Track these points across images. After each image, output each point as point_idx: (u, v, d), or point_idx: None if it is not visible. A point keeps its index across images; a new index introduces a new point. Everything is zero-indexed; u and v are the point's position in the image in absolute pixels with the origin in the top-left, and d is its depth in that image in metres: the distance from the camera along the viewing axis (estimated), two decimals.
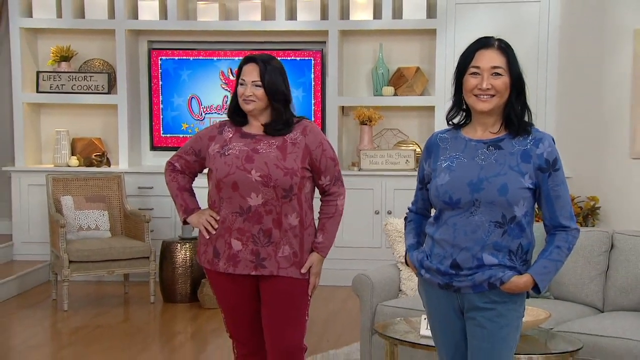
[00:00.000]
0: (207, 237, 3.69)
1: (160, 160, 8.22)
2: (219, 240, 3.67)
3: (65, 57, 8.07)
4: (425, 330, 3.91)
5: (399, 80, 7.82)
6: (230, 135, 3.71)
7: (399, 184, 7.51)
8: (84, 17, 8.02)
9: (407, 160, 7.59)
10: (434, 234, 3.00)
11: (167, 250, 7.13)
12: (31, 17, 8.03)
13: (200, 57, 8.09)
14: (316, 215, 3.76)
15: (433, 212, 3.09)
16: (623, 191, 6.58)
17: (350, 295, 6.88)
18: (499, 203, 2.86)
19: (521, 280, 2.91)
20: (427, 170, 3.08)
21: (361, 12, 7.77)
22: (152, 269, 7.02)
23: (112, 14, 7.99)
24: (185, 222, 3.82)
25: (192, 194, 3.86)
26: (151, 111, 8.17)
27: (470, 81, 2.94)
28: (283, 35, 7.94)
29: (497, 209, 2.87)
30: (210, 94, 8.11)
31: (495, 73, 2.92)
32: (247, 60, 3.70)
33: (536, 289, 2.93)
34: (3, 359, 5.52)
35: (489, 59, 2.94)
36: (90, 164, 7.98)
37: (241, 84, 3.67)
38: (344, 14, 7.81)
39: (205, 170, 3.83)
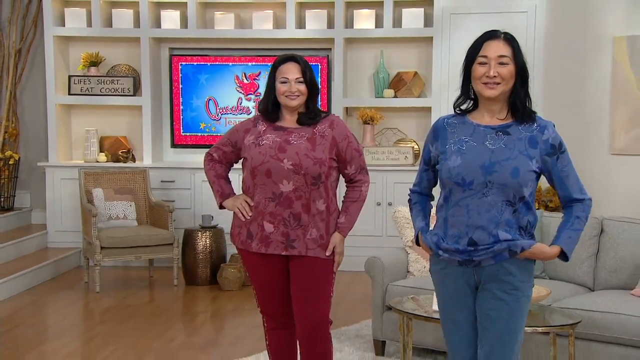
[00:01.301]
0: (242, 219, 3.69)
1: (180, 157, 8.22)
2: (252, 223, 3.67)
3: (94, 62, 8.05)
4: (436, 306, 3.92)
5: (398, 84, 7.82)
6: (264, 128, 3.71)
7: (399, 178, 7.49)
8: (111, 26, 8.00)
9: (405, 157, 7.60)
10: (446, 215, 2.97)
11: (189, 238, 7.12)
12: (64, 26, 8.01)
13: (217, 63, 8.06)
14: (340, 201, 3.76)
15: (439, 193, 3.05)
16: (603, 184, 6.58)
17: (355, 279, 6.92)
18: (511, 185, 2.85)
19: (551, 250, 2.93)
20: (434, 152, 3.04)
21: (364, 22, 7.77)
22: (175, 254, 7.02)
23: (137, 23, 7.97)
24: (221, 207, 3.83)
25: (228, 181, 3.87)
26: (172, 112, 8.14)
27: (478, 69, 2.93)
28: (293, 42, 7.91)
29: (509, 190, 2.86)
30: (226, 96, 8.09)
31: (501, 62, 2.90)
32: (286, 59, 3.68)
33: (563, 256, 2.95)
34: (44, 335, 5.53)
35: (496, 48, 2.93)
36: (117, 160, 7.96)
37: (283, 82, 3.63)
38: (349, 23, 7.80)
39: (240, 160, 3.83)
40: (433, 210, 3.18)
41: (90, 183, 7.31)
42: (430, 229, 3.10)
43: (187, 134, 8.17)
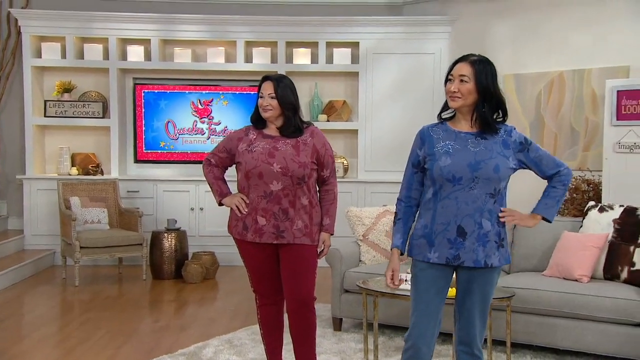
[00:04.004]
0: (239, 215, 3.67)
1: (142, 171, 8.05)
2: (247, 217, 3.65)
3: (67, 89, 7.81)
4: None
5: (330, 110, 7.92)
6: (254, 136, 3.71)
7: None
8: (83, 58, 7.79)
9: (337, 170, 7.69)
10: (435, 207, 2.92)
11: (156, 239, 6.97)
12: (40, 57, 7.75)
13: (176, 91, 7.96)
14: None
15: (429, 191, 2.97)
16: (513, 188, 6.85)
17: None
18: (493, 179, 2.88)
19: (531, 221, 2.98)
20: (422, 155, 2.99)
21: (302, 58, 7.84)
22: (144, 253, 6.86)
23: (106, 56, 7.80)
24: (220, 204, 3.79)
25: (225, 182, 3.83)
26: (135, 132, 7.97)
27: (447, 85, 2.97)
28: (241, 74, 7.91)
29: (491, 184, 2.89)
30: (183, 119, 7.99)
31: (462, 80, 2.90)
32: (265, 78, 3.73)
33: (547, 220, 3.01)
34: (37, 322, 5.29)
35: (459, 69, 2.93)
36: (87, 173, 7.73)
37: (261, 97, 3.68)
38: (289, 59, 7.84)
39: (234, 166, 3.80)
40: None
41: (67, 192, 7.07)
42: (417, 224, 3.01)
43: (149, 151, 8.01)
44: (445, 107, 3.04)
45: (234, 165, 3.80)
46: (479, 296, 2.97)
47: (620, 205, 4.67)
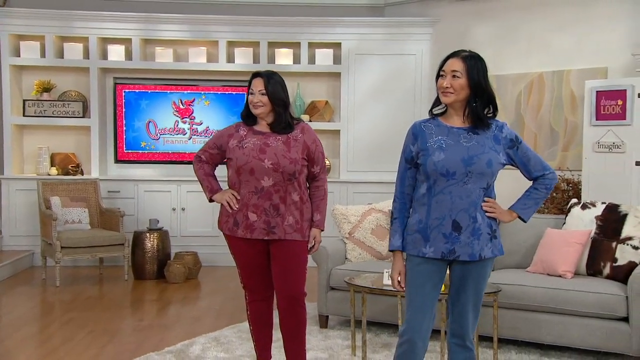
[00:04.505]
0: (230, 210, 3.66)
1: (123, 171, 8.00)
2: (238, 213, 3.64)
3: (46, 88, 7.74)
4: (387, 280, 4.01)
5: (312, 110, 7.93)
6: (245, 133, 3.70)
7: None
8: (63, 57, 7.73)
9: None
10: (430, 202, 2.93)
11: (138, 239, 6.94)
12: (19, 56, 7.68)
13: (157, 91, 7.93)
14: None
15: (423, 187, 2.96)
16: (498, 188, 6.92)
17: None
18: (486, 173, 2.90)
19: (507, 217, 3.00)
20: (415, 150, 2.98)
21: (284, 59, 7.84)
22: (126, 253, 6.82)
23: (86, 55, 7.74)
24: (211, 200, 3.78)
25: (215, 178, 3.81)
26: (116, 132, 7.92)
27: (439, 81, 2.97)
28: (223, 74, 7.90)
29: (484, 178, 2.90)
30: (164, 119, 7.96)
31: (454, 75, 2.92)
32: (255, 75, 3.72)
33: (522, 219, 3.05)
34: (17, 325, 5.19)
35: (451, 64, 2.94)
36: (67, 173, 7.66)
37: (251, 94, 3.67)
38: (271, 59, 7.83)
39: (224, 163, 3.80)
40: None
41: (47, 192, 7.01)
42: (411, 219, 3.00)
43: (130, 151, 7.96)
44: (437, 102, 3.05)
45: (224, 163, 3.80)
46: (472, 289, 3.00)
47: (603, 203, 4.74)
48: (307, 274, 3.73)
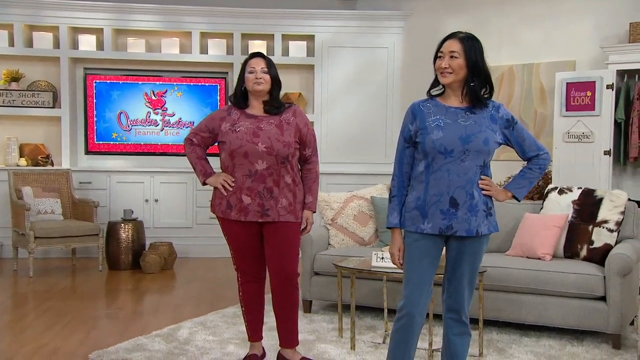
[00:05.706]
0: (225, 193, 3.69)
1: (94, 162, 7.93)
2: (231, 196, 3.67)
3: (15, 78, 7.63)
4: (375, 262, 4.08)
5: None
6: (237, 116, 3.73)
7: None
8: (32, 47, 7.62)
9: None
10: (428, 179, 2.98)
11: (112, 229, 6.89)
12: None
13: (129, 81, 7.88)
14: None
15: (421, 165, 3.01)
16: None
17: None
18: (483, 151, 2.97)
19: (502, 196, 3.09)
20: (414, 129, 3.04)
21: (257, 50, 7.84)
22: (100, 244, 6.76)
23: (57, 45, 7.65)
24: (204, 183, 3.79)
25: (208, 162, 3.83)
26: (86, 123, 7.85)
27: (437, 62, 3.03)
28: (196, 65, 7.89)
29: (481, 156, 2.97)
30: (136, 110, 7.91)
31: (452, 56, 2.97)
32: (255, 55, 3.74)
33: (516, 197, 3.13)
34: (2, 314, 5.15)
35: (449, 45, 3.00)
36: (37, 164, 7.56)
37: (251, 72, 3.68)
38: (244, 51, 7.84)
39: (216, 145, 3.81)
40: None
41: (19, 182, 6.91)
42: (409, 197, 3.05)
43: (100, 142, 7.89)
44: (435, 84, 3.12)
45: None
46: (468, 265, 3.08)
47: (579, 188, 4.90)
48: (299, 255, 3.78)
